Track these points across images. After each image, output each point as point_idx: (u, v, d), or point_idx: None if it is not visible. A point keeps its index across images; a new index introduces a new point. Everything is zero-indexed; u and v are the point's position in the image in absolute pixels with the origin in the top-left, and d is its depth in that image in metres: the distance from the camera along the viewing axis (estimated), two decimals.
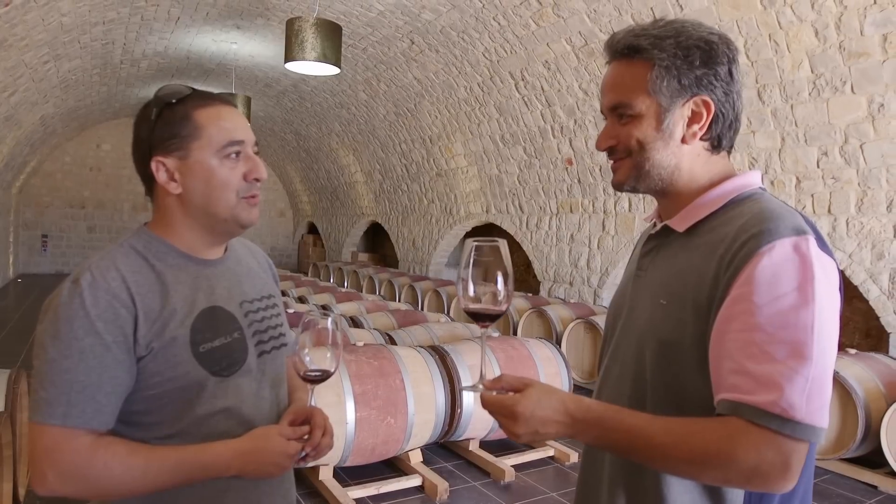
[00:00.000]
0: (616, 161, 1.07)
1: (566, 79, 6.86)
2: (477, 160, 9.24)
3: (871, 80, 4.50)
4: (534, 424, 0.92)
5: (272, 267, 1.40)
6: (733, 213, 0.98)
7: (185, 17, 7.84)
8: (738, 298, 0.88)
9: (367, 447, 3.45)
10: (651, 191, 1.07)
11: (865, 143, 4.73)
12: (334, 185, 14.43)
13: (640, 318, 1.05)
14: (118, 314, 1.03)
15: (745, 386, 0.84)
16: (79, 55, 8.25)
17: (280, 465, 1.09)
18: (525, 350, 4.28)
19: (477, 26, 7.02)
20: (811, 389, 0.82)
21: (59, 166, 14.97)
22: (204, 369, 1.09)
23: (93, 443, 1.01)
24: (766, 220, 0.90)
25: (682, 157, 1.03)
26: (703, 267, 0.95)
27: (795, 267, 0.86)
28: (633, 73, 1.02)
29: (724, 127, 1.03)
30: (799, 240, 0.88)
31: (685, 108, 1.01)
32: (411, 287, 9.14)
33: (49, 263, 15.07)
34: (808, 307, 0.84)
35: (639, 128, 1.02)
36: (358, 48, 8.47)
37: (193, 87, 1.15)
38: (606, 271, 7.47)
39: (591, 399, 0.97)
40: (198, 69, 10.27)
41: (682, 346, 0.96)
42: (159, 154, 1.11)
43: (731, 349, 0.87)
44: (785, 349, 0.84)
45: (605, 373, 1.15)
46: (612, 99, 1.04)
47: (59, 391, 0.99)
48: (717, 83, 1.00)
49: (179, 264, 1.14)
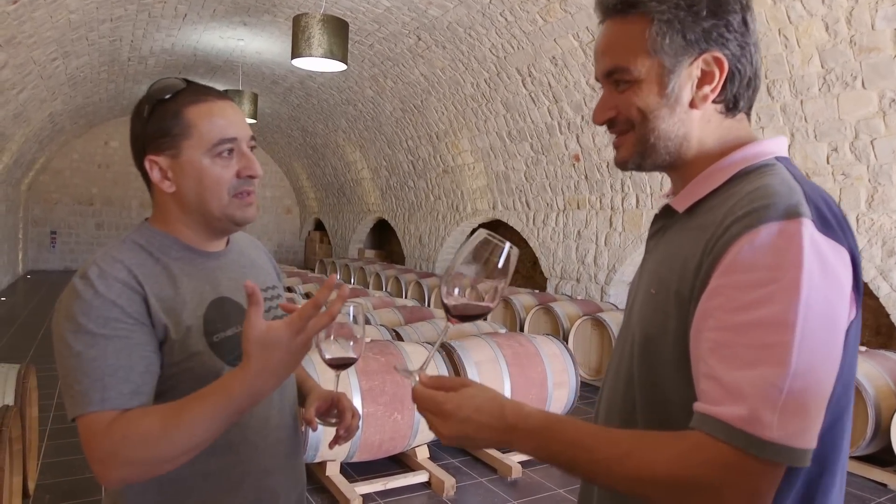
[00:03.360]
0: (618, 136, 0.94)
1: (573, 75, 6.82)
2: (484, 156, 9.23)
3: (882, 75, 4.46)
4: (466, 428, 0.83)
5: (272, 259, 1.41)
6: (735, 188, 0.84)
7: (192, 14, 7.85)
8: (714, 291, 0.76)
9: (374, 443, 3.45)
10: (658, 167, 0.94)
11: (876, 139, 4.69)
12: (341, 182, 14.44)
13: (635, 308, 0.95)
14: (131, 299, 1.02)
15: (713, 394, 0.72)
16: (87, 52, 8.28)
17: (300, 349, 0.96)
18: (532, 346, 4.27)
19: (484, 22, 7.00)
20: (788, 402, 0.68)
21: (67, 163, 15.05)
22: (219, 359, 1.09)
23: (111, 420, 0.96)
24: (758, 200, 0.77)
25: (692, 124, 0.89)
26: (689, 253, 0.83)
27: (778, 254, 0.72)
28: (628, 31, 0.88)
29: (740, 86, 0.88)
30: (788, 223, 0.73)
31: (693, 68, 0.87)
32: (418, 283, 9.14)
33: (58, 260, 15.16)
34: (789, 303, 0.70)
35: (639, 94, 0.88)
36: (364, 44, 8.46)
37: (188, 80, 1.12)
38: (614, 268, 7.44)
39: (534, 408, 0.84)
40: (205, 66, 10.29)
41: (664, 341, 0.84)
42: (152, 152, 1.10)
43: (705, 350, 0.75)
44: (757, 353, 0.70)
45: (608, 368, 1.04)
46: (607, 63, 0.91)
47: (92, 379, 0.96)
48: (729, 35, 0.86)
49: (184, 257, 1.14)
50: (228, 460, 1.12)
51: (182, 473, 1.03)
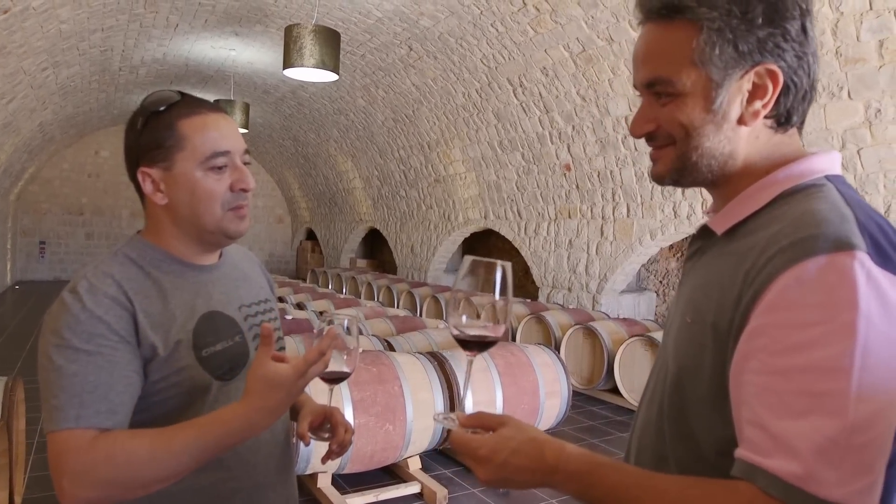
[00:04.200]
0: (657, 149, 0.86)
1: (564, 85, 6.87)
2: (475, 166, 9.25)
3: (867, 85, 4.52)
4: (504, 471, 0.79)
5: (266, 272, 1.41)
6: (779, 211, 0.77)
7: (183, 24, 7.85)
8: (757, 331, 0.69)
9: (365, 454, 3.44)
10: (698, 184, 0.86)
11: (863, 149, 4.75)
12: (332, 192, 14.43)
13: (671, 335, 0.88)
14: (119, 315, 1.01)
15: (761, 443, 0.66)
16: (77, 62, 8.26)
17: (297, 393, 0.99)
18: (524, 356, 4.27)
19: (475, 33, 7.04)
20: (847, 457, 0.62)
21: (57, 173, 14.96)
22: (208, 373, 1.08)
23: (94, 438, 0.95)
24: (804, 228, 0.70)
25: (739, 142, 0.81)
26: (727, 282, 0.76)
27: (829, 291, 0.65)
28: (674, 38, 0.80)
29: (795, 100, 0.80)
30: (839, 256, 0.66)
31: (744, 81, 0.78)
32: (410, 293, 9.13)
33: (47, 270, 15.04)
34: (844, 346, 0.63)
35: (683, 109, 0.80)
36: (356, 55, 8.49)
37: (183, 93, 1.12)
38: (605, 277, 7.47)
39: (574, 447, 0.80)
40: (196, 76, 10.28)
41: (699, 376, 0.79)
42: (145, 164, 1.10)
43: (749, 394, 0.69)
44: (808, 401, 0.64)
45: (643, 393, 0.98)
46: (649, 73, 0.83)
47: (69, 395, 0.96)
48: (786, 45, 0.77)
49: (175, 270, 1.13)
50: (219, 476, 1.11)
51: (173, 489, 1.02)
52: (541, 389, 4.17)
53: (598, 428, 5.10)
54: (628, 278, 7.68)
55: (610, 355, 5.63)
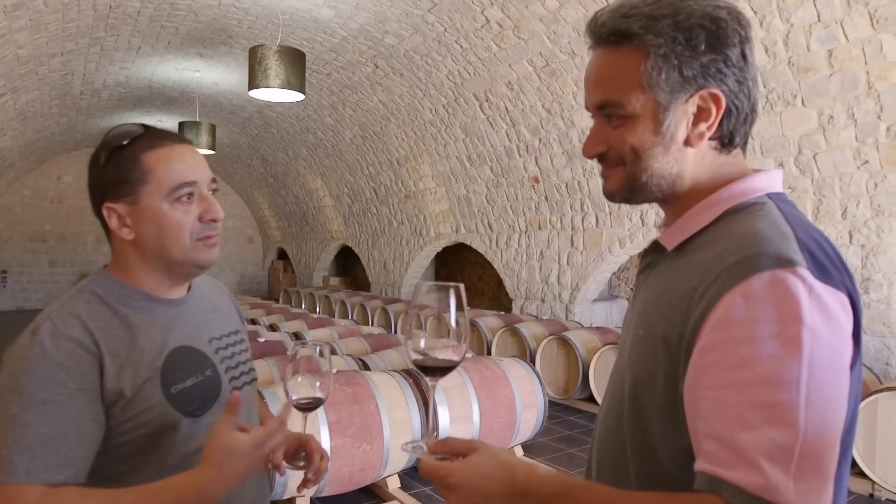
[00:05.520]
0: (607, 168, 0.90)
1: (529, 98, 6.97)
2: (445, 181, 9.30)
3: (819, 93, 4.68)
4: (475, 497, 0.78)
5: (235, 302, 1.39)
6: (724, 229, 0.82)
7: (146, 46, 7.77)
8: (708, 346, 0.73)
9: (343, 476, 3.40)
10: (648, 201, 0.91)
11: (818, 154, 4.90)
12: (303, 210, 14.34)
13: (626, 347, 0.92)
14: (82, 360, 0.99)
15: (721, 456, 0.69)
16: (37, 87, 8.10)
17: (255, 464, 1.01)
18: (499, 370, 4.28)
19: (440, 49, 7.11)
20: (801, 465, 0.65)
21: (17, 199, 14.58)
22: (177, 411, 1.07)
23: (43, 494, 0.94)
24: (747, 247, 0.74)
25: (686, 162, 0.86)
26: (675, 297, 0.80)
27: (774, 307, 0.69)
28: (622, 63, 0.84)
29: (737, 122, 0.85)
30: (781, 273, 0.70)
31: (689, 105, 0.83)
32: (384, 310, 9.09)
33: (9, 300, 14.60)
34: (791, 359, 0.67)
35: (633, 132, 0.84)
36: (322, 73, 8.49)
37: (146, 126, 1.11)
38: (577, 286, 7.55)
39: (546, 468, 0.81)
40: (160, 98, 10.17)
41: (653, 387, 0.82)
42: (110, 200, 1.08)
43: (705, 409, 0.72)
44: (761, 413, 0.67)
45: (602, 402, 1.01)
46: (600, 96, 0.87)
47: (21, 447, 0.93)
48: (727, 71, 0.82)
49: (144, 307, 1.11)
50: None
51: None
52: (517, 402, 4.19)
53: (576, 437, 5.13)
54: (600, 287, 7.77)
55: (584, 364, 5.69)
